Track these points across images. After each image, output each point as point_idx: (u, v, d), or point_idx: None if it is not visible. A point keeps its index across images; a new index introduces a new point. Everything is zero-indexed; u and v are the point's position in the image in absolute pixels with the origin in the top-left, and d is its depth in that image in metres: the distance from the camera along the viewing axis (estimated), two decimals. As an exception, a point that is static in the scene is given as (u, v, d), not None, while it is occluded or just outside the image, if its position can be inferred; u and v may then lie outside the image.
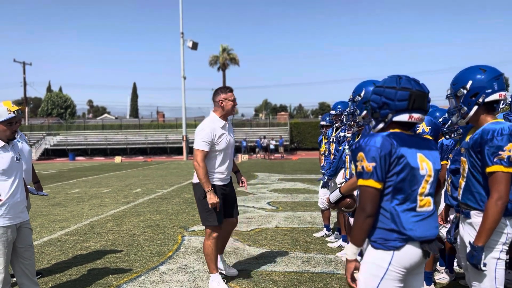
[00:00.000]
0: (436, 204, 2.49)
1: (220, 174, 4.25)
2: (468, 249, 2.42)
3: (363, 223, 2.04)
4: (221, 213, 4.21)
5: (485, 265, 2.36)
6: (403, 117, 2.12)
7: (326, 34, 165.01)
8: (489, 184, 2.36)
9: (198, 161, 4.06)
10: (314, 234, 6.39)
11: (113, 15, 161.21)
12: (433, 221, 2.14)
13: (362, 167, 2.07)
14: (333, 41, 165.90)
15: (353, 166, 2.18)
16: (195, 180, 4.26)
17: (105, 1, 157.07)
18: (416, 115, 2.12)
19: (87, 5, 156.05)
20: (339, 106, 5.55)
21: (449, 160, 3.65)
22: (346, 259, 2.12)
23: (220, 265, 4.53)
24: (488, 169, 2.34)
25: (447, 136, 3.46)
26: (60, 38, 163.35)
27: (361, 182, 2.07)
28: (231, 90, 4.29)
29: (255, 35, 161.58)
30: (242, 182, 4.57)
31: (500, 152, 2.31)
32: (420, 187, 2.09)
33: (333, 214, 7.09)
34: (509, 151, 2.31)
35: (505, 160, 2.30)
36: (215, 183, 4.20)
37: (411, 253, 2.05)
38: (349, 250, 2.10)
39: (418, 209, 2.08)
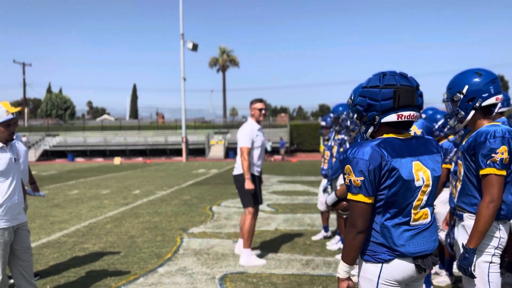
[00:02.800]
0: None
1: (255, 166, 5.32)
2: (461, 251, 2.38)
3: (354, 240, 1.89)
4: (257, 197, 5.27)
5: (474, 270, 2.30)
6: (391, 118, 1.94)
7: (327, 35, 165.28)
8: (482, 186, 2.34)
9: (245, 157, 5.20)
10: (313, 237, 6.36)
11: (113, 17, 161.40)
12: (430, 234, 1.98)
13: (350, 181, 1.90)
14: (333, 42, 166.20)
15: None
16: (237, 172, 5.31)
17: (105, 2, 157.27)
18: (405, 113, 1.93)
19: (87, 6, 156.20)
20: (340, 109, 5.53)
21: (452, 163, 3.64)
22: (338, 277, 1.98)
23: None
24: (481, 172, 2.33)
25: (449, 137, 3.45)
26: (60, 39, 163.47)
27: (350, 196, 1.92)
28: (260, 101, 5.37)
29: (256, 37, 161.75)
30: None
31: (493, 155, 2.29)
32: (415, 199, 1.93)
33: (333, 216, 7.07)
34: (502, 153, 2.29)
35: (497, 162, 2.29)
36: (254, 173, 5.25)
37: (401, 267, 1.92)
38: (341, 269, 1.96)
39: (412, 223, 1.93)
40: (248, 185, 5.09)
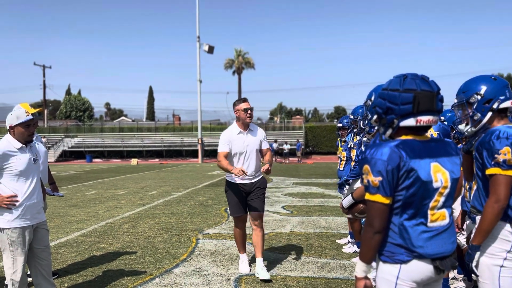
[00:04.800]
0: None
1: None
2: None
3: (372, 240, 1.90)
4: (238, 207, 4.83)
5: (476, 267, 2.32)
6: (410, 122, 1.95)
7: (342, 37, 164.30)
8: (489, 186, 2.31)
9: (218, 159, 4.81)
10: (337, 241, 6.27)
11: (131, 20, 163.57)
12: (449, 236, 1.98)
13: (368, 181, 1.92)
14: (349, 44, 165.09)
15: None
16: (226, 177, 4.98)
17: (123, 6, 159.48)
18: (424, 118, 1.94)
19: (105, 10, 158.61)
20: (360, 111, 5.48)
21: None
22: (356, 276, 1.99)
23: (256, 268, 4.72)
24: (487, 172, 2.31)
25: (462, 142, 3.39)
26: (79, 42, 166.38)
27: (368, 196, 1.92)
28: (244, 101, 4.83)
29: (271, 39, 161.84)
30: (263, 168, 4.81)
31: (495, 155, 2.27)
32: (432, 200, 1.93)
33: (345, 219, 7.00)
34: (505, 154, 2.25)
35: (501, 163, 2.26)
36: (234, 181, 4.81)
37: (420, 268, 1.92)
38: (358, 267, 1.96)
39: (429, 224, 1.93)
40: (237, 171, 4.46)
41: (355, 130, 5.56)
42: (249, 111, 4.76)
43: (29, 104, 3.51)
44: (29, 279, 3.99)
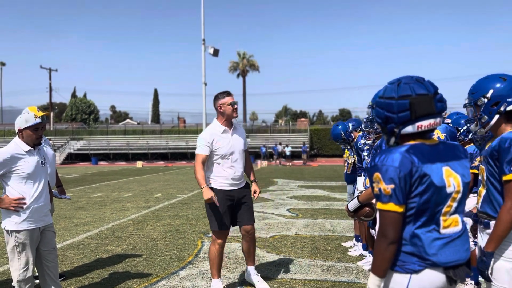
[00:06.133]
0: None
1: (222, 179, 4.22)
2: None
3: (386, 251, 1.81)
4: (224, 220, 4.19)
5: (491, 273, 2.27)
6: (410, 129, 1.90)
7: (347, 39, 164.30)
8: (504, 192, 2.28)
9: (195, 165, 4.18)
10: (343, 244, 6.26)
11: (136, 23, 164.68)
12: (462, 243, 1.91)
13: (380, 190, 1.83)
14: (354, 46, 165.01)
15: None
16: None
17: (129, 11, 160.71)
18: (425, 123, 1.88)
19: (111, 14, 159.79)
20: (340, 127, 5.67)
21: (476, 169, 3.58)
22: None
23: (251, 277, 4.48)
24: (505, 178, 2.27)
25: (477, 143, 3.38)
26: (85, 45, 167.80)
27: (380, 206, 1.84)
28: (228, 94, 4.28)
29: (276, 42, 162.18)
30: (254, 193, 4.45)
31: None
32: (445, 206, 1.87)
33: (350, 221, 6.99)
34: None
35: None
36: (220, 188, 4.20)
37: (432, 278, 1.84)
38: (371, 282, 1.87)
39: (442, 230, 1.86)
40: (206, 194, 3.97)
41: (348, 147, 5.66)
42: (235, 106, 4.23)
43: (36, 107, 3.55)
44: (36, 281, 4.01)
